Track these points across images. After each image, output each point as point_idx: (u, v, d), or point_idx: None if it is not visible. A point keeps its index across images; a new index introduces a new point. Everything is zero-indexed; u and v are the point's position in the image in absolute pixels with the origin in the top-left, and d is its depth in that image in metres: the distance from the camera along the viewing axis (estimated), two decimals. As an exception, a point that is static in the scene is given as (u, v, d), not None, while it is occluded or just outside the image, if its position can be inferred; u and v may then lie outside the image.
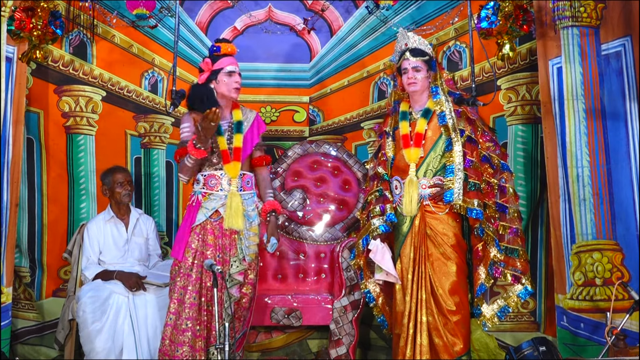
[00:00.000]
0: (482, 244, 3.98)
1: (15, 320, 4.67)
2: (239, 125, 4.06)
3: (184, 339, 3.91)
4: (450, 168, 3.95)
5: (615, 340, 3.86)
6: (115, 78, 4.99)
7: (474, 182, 3.93)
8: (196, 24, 5.06)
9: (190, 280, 3.94)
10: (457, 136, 3.98)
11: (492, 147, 4.08)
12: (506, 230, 4.01)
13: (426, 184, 4.01)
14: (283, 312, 4.62)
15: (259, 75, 5.09)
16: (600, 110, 4.44)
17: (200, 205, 4.02)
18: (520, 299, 4.05)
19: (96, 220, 4.58)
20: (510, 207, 4.04)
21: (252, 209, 4.07)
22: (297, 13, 5.10)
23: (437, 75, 4.11)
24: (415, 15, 4.97)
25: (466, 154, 3.97)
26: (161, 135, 5.05)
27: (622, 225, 4.37)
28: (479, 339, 4.48)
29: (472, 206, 3.91)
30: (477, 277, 4.02)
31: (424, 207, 4.00)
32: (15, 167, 4.53)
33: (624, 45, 4.37)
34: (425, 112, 4.07)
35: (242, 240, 4.00)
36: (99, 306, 4.20)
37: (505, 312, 4.08)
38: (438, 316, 3.94)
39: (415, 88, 4.06)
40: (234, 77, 4.03)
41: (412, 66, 4.04)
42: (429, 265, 3.97)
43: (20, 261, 4.77)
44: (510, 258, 4.01)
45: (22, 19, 4.39)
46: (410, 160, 4.03)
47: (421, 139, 4.04)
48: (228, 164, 4.00)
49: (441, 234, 3.97)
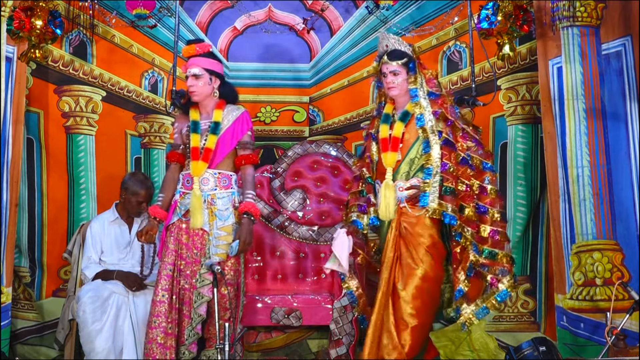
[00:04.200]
0: (460, 248, 3.92)
1: (14, 321, 4.67)
2: (215, 126, 4.08)
3: (152, 336, 3.94)
4: (428, 170, 3.92)
5: (615, 340, 3.85)
6: (115, 78, 4.99)
7: (448, 187, 3.88)
8: (196, 24, 5.06)
9: (160, 278, 3.99)
10: (435, 138, 3.93)
11: (474, 148, 4.01)
12: (487, 232, 3.94)
13: (403, 186, 3.98)
14: (283, 312, 4.62)
15: (259, 75, 5.09)
16: (601, 110, 4.44)
17: (177, 204, 4.08)
18: (498, 301, 3.98)
19: (100, 220, 4.56)
20: (490, 208, 3.97)
21: (227, 208, 4.08)
22: (297, 13, 5.10)
23: (416, 77, 4.05)
24: (415, 15, 4.97)
25: (443, 156, 3.92)
26: (161, 135, 5.05)
27: (622, 225, 4.37)
28: (479, 339, 4.47)
29: (446, 210, 3.87)
30: (455, 281, 3.95)
31: (401, 209, 3.97)
32: (15, 167, 4.53)
33: (624, 45, 4.37)
34: (404, 115, 4.04)
35: (211, 240, 4.02)
36: (99, 306, 4.20)
37: (483, 312, 4.00)
38: (395, 317, 3.90)
39: (395, 92, 4.04)
40: (188, 80, 4.09)
41: (390, 70, 4.01)
42: (399, 267, 3.93)
43: (20, 261, 4.77)
44: (492, 261, 3.95)
45: (21, 19, 4.39)
46: (387, 164, 4.00)
47: (398, 142, 4.01)
48: (195, 161, 4.04)
49: (416, 235, 3.93)
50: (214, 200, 4.06)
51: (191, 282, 4.00)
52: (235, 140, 4.12)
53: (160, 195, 4.18)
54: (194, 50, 4.10)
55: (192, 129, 4.10)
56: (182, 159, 4.20)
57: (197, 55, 4.09)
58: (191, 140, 4.08)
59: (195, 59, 4.09)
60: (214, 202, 4.06)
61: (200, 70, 4.07)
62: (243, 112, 4.16)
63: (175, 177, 4.20)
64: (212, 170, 4.08)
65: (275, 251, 4.91)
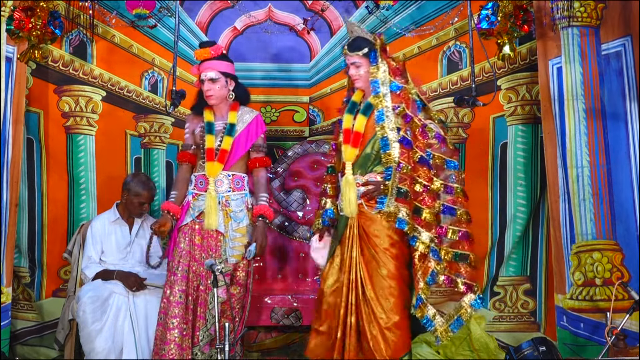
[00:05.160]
0: (420, 254, 3.75)
1: (14, 321, 4.66)
2: (230, 127, 4.09)
3: (171, 337, 3.94)
4: (388, 170, 3.77)
5: (615, 340, 3.86)
6: (115, 78, 4.99)
7: (402, 188, 3.73)
8: (196, 24, 5.05)
9: (176, 279, 3.99)
10: (394, 136, 3.78)
11: (437, 145, 3.86)
12: (455, 234, 3.80)
13: (359, 181, 3.86)
14: (283, 312, 4.62)
15: (259, 75, 5.09)
16: (600, 110, 4.44)
17: (190, 205, 4.09)
18: (474, 308, 3.81)
19: (101, 220, 4.57)
20: (458, 208, 3.83)
21: (241, 209, 4.09)
22: (297, 13, 5.10)
23: (378, 67, 3.88)
24: (415, 15, 4.97)
25: (402, 154, 3.77)
26: (161, 135, 5.04)
27: (622, 225, 4.37)
28: (479, 339, 4.48)
29: (399, 214, 3.71)
30: (415, 287, 3.79)
31: (358, 206, 3.83)
32: (15, 167, 4.52)
33: (624, 45, 4.37)
34: (366, 108, 3.91)
35: (227, 242, 4.03)
36: (99, 306, 4.20)
37: (459, 325, 3.82)
38: (368, 321, 3.78)
39: (359, 84, 3.94)
40: (205, 84, 4.09)
41: (351, 62, 3.90)
42: (363, 268, 3.81)
43: (20, 261, 4.77)
44: (456, 264, 3.80)
45: (21, 19, 4.39)
46: (346, 158, 3.88)
47: (359, 138, 3.88)
48: (210, 162, 4.04)
49: (373, 236, 3.80)
50: (228, 201, 4.07)
51: (206, 283, 4.01)
52: (249, 143, 4.15)
53: (174, 193, 4.18)
54: (208, 54, 4.09)
55: (207, 129, 4.10)
56: (194, 159, 4.20)
57: (211, 59, 4.09)
58: (206, 141, 4.08)
59: (210, 62, 4.09)
60: (229, 203, 4.07)
61: (216, 74, 4.08)
62: (257, 115, 4.20)
63: (187, 177, 4.21)
64: (227, 172, 4.10)
65: (275, 251, 4.91)
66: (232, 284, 4.02)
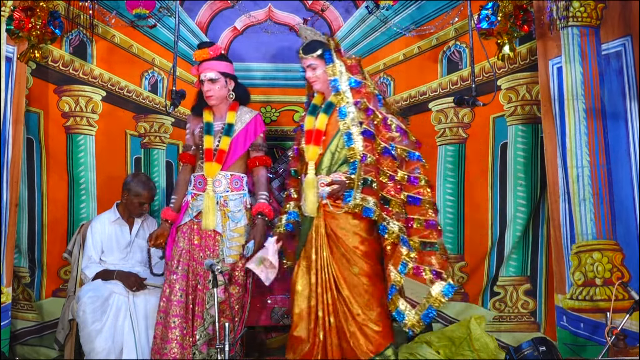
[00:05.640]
0: (391, 243, 3.81)
1: (14, 321, 4.66)
2: (228, 128, 4.10)
3: (172, 336, 3.95)
4: (353, 164, 3.82)
5: (615, 340, 3.86)
6: (115, 78, 4.99)
7: (368, 178, 3.79)
8: (196, 24, 5.05)
9: (177, 279, 3.99)
10: (357, 130, 3.84)
11: (399, 138, 3.92)
12: (421, 224, 3.86)
13: (324, 181, 3.89)
14: (283, 312, 4.62)
15: (259, 75, 5.08)
16: (601, 110, 4.44)
17: (189, 205, 4.10)
18: (445, 296, 3.83)
19: (101, 220, 4.57)
20: (423, 198, 3.88)
21: (239, 210, 4.09)
22: (297, 13, 5.09)
23: (334, 66, 3.96)
24: (415, 15, 4.96)
25: (365, 147, 3.82)
26: (161, 135, 5.04)
27: (622, 225, 4.37)
28: (479, 339, 4.48)
29: (366, 205, 3.78)
30: (387, 279, 3.83)
31: (323, 207, 3.89)
32: (15, 167, 4.53)
33: (624, 45, 4.37)
34: (327, 106, 3.96)
35: (224, 242, 4.04)
36: (99, 306, 4.20)
37: (430, 315, 3.84)
38: (345, 319, 3.83)
39: (317, 86, 4.01)
40: (205, 85, 4.10)
41: (307, 64, 3.98)
42: (335, 267, 3.85)
43: (20, 261, 4.77)
44: (425, 253, 3.84)
45: (21, 19, 4.39)
46: (308, 158, 3.93)
47: (320, 136, 3.92)
48: (209, 162, 4.05)
49: (342, 235, 3.85)
50: (226, 202, 4.09)
51: (204, 282, 4.02)
52: (248, 143, 4.16)
53: (173, 198, 4.22)
54: (207, 54, 4.12)
55: (206, 130, 4.13)
56: (194, 160, 4.23)
57: (210, 59, 4.10)
58: (205, 142, 4.11)
59: (209, 63, 4.11)
60: (227, 203, 4.08)
61: (216, 74, 4.10)
62: (256, 114, 4.22)
63: (187, 178, 4.24)
64: (225, 172, 4.11)
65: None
66: (230, 284, 4.02)
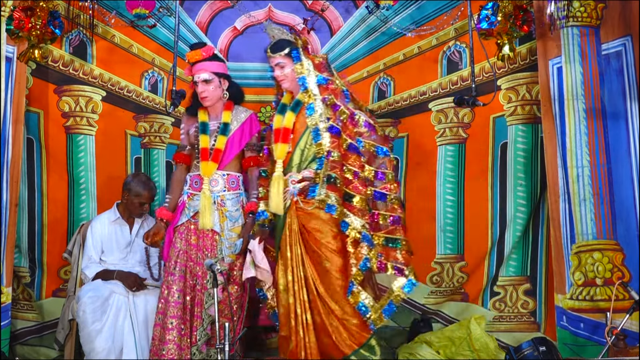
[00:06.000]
0: (353, 240, 3.82)
1: (14, 321, 4.66)
2: (224, 127, 4.11)
3: (170, 337, 3.95)
4: (320, 160, 3.85)
5: (615, 340, 3.86)
6: (115, 78, 4.99)
7: (331, 175, 3.81)
8: (196, 24, 5.05)
9: (174, 279, 4.00)
10: (325, 126, 3.86)
11: (367, 133, 3.94)
12: (386, 220, 3.87)
13: (295, 179, 3.91)
14: (283, 312, 4.61)
15: (259, 75, 5.08)
16: (601, 110, 4.44)
17: (185, 205, 4.10)
18: (406, 292, 3.87)
19: (101, 220, 4.57)
20: (389, 194, 3.90)
21: (236, 209, 4.10)
22: (297, 13, 5.09)
23: (302, 64, 3.99)
24: (415, 15, 4.96)
25: (332, 143, 3.85)
26: (161, 135, 5.04)
27: (622, 225, 4.37)
28: (479, 339, 4.48)
29: (328, 201, 3.80)
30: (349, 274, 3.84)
31: (295, 204, 3.90)
32: (15, 167, 4.53)
33: (624, 44, 4.37)
34: (295, 104, 3.98)
35: (222, 241, 4.04)
36: (99, 306, 4.20)
37: (391, 310, 3.88)
38: (323, 315, 3.85)
39: (285, 85, 4.03)
40: (199, 86, 4.11)
41: (275, 63, 4.00)
42: (309, 264, 3.87)
43: (20, 261, 4.76)
44: (390, 249, 3.86)
45: (21, 19, 4.39)
46: (277, 156, 3.94)
47: (288, 133, 3.94)
48: (205, 162, 4.06)
49: (314, 231, 3.86)
50: (223, 201, 4.09)
51: (202, 283, 4.03)
52: (243, 142, 4.17)
53: (168, 197, 4.22)
54: (199, 55, 4.13)
55: (202, 130, 4.14)
56: (189, 160, 4.24)
57: (203, 60, 4.11)
58: (200, 141, 4.11)
59: (202, 64, 4.12)
60: (224, 203, 4.09)
61: (210, 75, 4.11)
62: (251, 114, 4.23)
63: (181, 178, 4.24)
64: (221, 172, 4.11)
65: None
66: (229, 283, 4.02)
